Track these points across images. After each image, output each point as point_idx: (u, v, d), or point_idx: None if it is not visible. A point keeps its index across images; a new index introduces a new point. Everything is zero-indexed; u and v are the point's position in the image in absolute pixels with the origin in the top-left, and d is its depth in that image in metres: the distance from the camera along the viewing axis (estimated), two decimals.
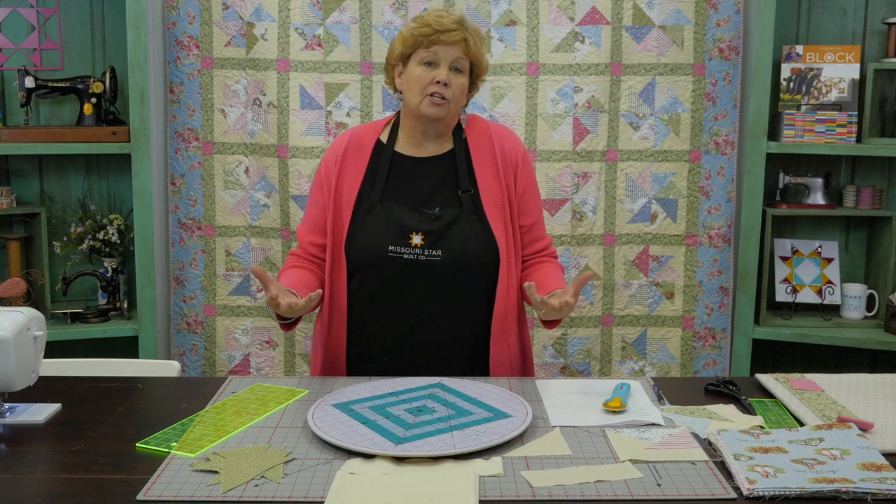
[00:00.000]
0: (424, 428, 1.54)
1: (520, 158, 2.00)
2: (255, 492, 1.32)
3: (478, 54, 1.93)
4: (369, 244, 1.91)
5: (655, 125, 3.00)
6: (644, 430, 1.57)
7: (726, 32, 2.96)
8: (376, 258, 1.90)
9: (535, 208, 2.03)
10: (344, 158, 1.97)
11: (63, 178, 3.10)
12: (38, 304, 2.92)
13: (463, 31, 1.89)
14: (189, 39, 2.99)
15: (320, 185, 2.00)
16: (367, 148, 1.99)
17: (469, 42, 1.90)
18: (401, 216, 1.90)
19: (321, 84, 2.97)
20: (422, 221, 1.90)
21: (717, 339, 3.09)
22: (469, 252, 1.89)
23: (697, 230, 3.05)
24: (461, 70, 1.91)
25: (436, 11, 1.93)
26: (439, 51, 1.88)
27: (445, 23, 1.88)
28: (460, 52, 1.89)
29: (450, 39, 1.87)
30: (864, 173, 3.08)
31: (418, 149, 1.98)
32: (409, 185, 1.95)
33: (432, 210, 1.91)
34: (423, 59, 1.89)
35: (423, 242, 1.88)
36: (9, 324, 1.56)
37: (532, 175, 2.04)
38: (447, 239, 1.89)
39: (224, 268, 3.09)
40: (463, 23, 1.91)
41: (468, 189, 1.94)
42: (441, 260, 1.88)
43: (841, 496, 1.29)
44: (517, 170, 1.99)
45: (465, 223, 1.91)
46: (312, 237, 2.02)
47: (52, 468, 1.43)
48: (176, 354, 3.13)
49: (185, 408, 1.69)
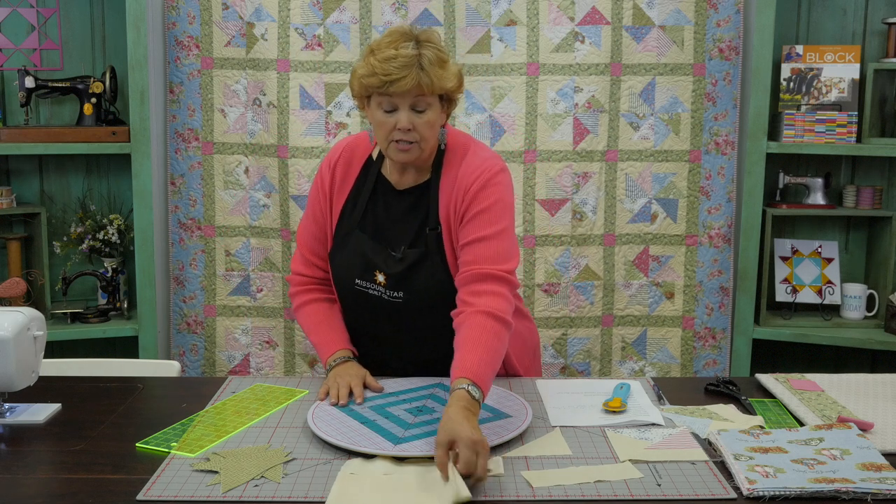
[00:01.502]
0: (424, 428, 1.54)
1: (472, 185, 1.79)
2: (255, 492, 1.33)
3: (440, 85, 1.73)
4: (341, 274, 1.90)
5: (655, 125, 3.00)
6: (644, 430, 1.57)
7: (726, 32, 2.96)
8: (346, 287, 1.90)
9: (473, 230, 1.77)
10: (335, 171, 1.94)
11: (63, 178, 3.10)
12: (38, 304, 2.92)
13: (414, 74, 1.68)
14: (189, 39, 2.99)
15: (317, 195, 1.96)
16: (357, 165, 1.94)
17: (423, 82, 1.69)
18: (368, 251, 1.86)
19: (321, 84, 2.97)
20: (386, 262, 1.84)
21: (717, 339, 3.09)
22: (428, 295, 1.84)
23: (697, 230, 3.05)
24: (425, 108, 1.74)
25: (385, 49, 1.71)
26: (394, 97, 1.71)
27: (392, 69, 1.68)
28: (417, 93, 1.71)
29: (401, 89, 1.69)
30: (864, 173, 3.08)
31: (400, 177, 1.89)
32: (384, 216, 1.89)
33: (398, 250, 1.85)
34: (380, 105, 1.74)
35: (386, 283, 1.85)
36: (9, 324, 1.56)
37: (481, 196, 1.78)
38: (409, 281, 1.84)
39: (224, 268, 3.09)
40: (414, 63, 1.69)
41: (434, 227, 1.84)
42: (403, 301, 1.85)
43: (841, 496, 1.29)
44: (465, 197, 1.80)
45: (426, 265, 1.84)
46: (316, 249, 1.98)
47: (52, 468, 1.43)
48: (176, 354, 3.13)
49: (185, 408, 1.69)
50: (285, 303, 3.07)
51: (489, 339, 1.62)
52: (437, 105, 1.77)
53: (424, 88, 1.70)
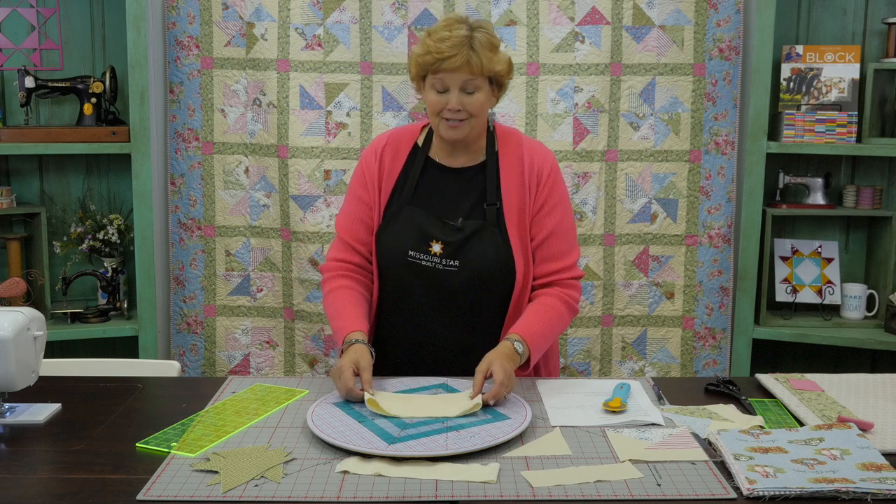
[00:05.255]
0: (420, 428, 1.55)
1: (545, 173, 1.93)
2: (255, 492, 1.33)
3: (490, 67, 1.83)
4: (391, 247, 1.92)
5: (655, 125, 3.00)
6: (644, 430, 1.57)
7: (726, 32, 2.96)
8: (396, 261, 1.91)
9: (549, 223, 1.93)
10: (382, 157, 1.98)
11: (63, 178, 3.10)
12: (38, 304, 2.92)
13: (465, 53, 1.79)
14: (189, 39, 2.99)
15: (363, 182, 1.98)
16: (404, 151, 1.99)
17: (473, 62, 1.80)
18: (423, 223, 1.90)
19: (321, 84, 2.97)
20: (444, 231, 1.89)
21: (717, 339, 3.09)
22: (485, 265, 1.88)
23: (697, 230, 3.05)
24: (474, 90, 1.84)
25: (440, 31, 1.83)
26: (446, 77, 1.82)
27: (445, 49, 1.79)
28: (467, 75, 1.81)
29: (452, 66, 1.80)
30: (864, 173, 3.08)
31: (450, 158, 1.96)
32: (437, 192, 1.94)
33: (455, 221, 1.89)
34: (433, 85, 1.85)
35: (442, 252, 1.88)
36: (9, 324, 1.56)
37: (556, 190, 1.94)
38: (466, 251, 1.88)
39: (224, 268, 3.09)
40: (466, 43, 1.80)
41: (493, 203, 1.91)
42: (457, 270, 1.88)
43: (841, 496, 1.29)
44: (539, 184, 1.93)
45: (485, 236, 1.89)
46: (359, 234, 1.98)
47: (52, 468, 1.43)
48: (176, 354, 3.13)
49: (185, 408, 1.69)
50: (285, 303, 3.07)
51: (551, 317, 1.90)
52: (486, 88, 1.86)
53: (474, 68, 1.81)
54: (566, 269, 1.95)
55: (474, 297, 1.91)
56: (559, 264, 1.94)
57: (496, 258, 1.89)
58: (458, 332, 1.93)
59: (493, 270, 1.89)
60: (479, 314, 1.93)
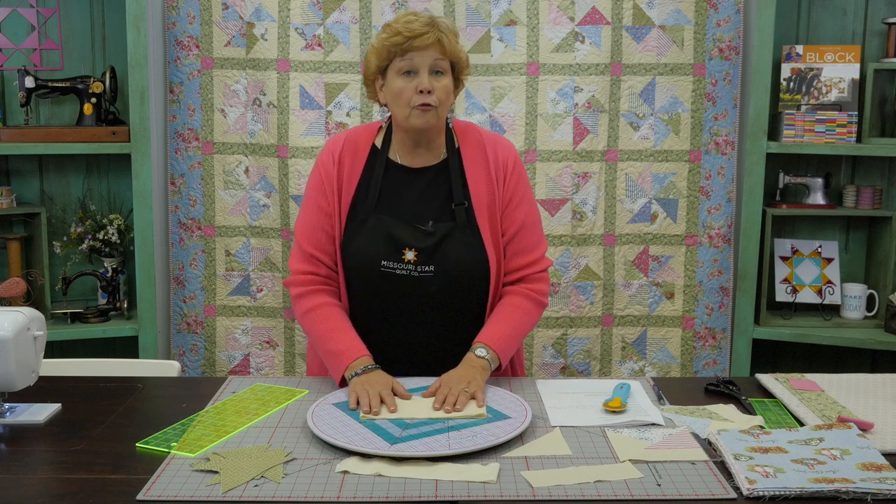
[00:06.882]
0: (422, 428, 1.54)
1: (510, 165, 1.93)
2: (255, 492, 1.33)
3: (455, 51, 1.85)
4: (362, 258, 1.86)
5: (655, 125, 3.00)
6: (644, 430, 1.57)
7: (726, 32, 2.96)
8: (368, 272, 1.86)
9: (518, 217, 1.92)
10: (341, 161, 1.92)
11: (63, 178, 3.10)
12: (38, 304, 2.92)
13: (435, 32, 1.80)
14: (189, 39, 2.99)
15: (322, 189, 1.92)
16: (363, 153, 1.93)
17: (444, 41, 1.81)
18: (393, 230, 1.86)
19: (321, 84, 2.97)
20: (415, 237, 1.85)
21: (717, 339, 3.09)
22: (462, 267, 1.86)
23: (697, 230, 3.05)
24: (442, 71, 1.83)
25: (404, 17, 1.84)
26: (415, 57, 1.80)
27: (415, 27, 1.79)
28: (437, 54, 1.81)
29: (423, 43, 1.79)
30: (864, 173, 3.08)
31: (412, 158, 1.92)
32: (402, 196, 1.90)
33: (426, 225, 1.86)
34: (401, 70, 1.82)
35: (416, 259, 1.84)
36: (9, 324, 1.56)
37: (521, 182, 1.94)
38: (440, 255, 1.85)
39: (224, 268, 3.09)
40: (434, 23, 1.82)
41: (461, 202, 1.88)
42: (433, 276, 1.85)
43: (841, 496, 1.29)
44: (506, 177, 1.92)
45: (458, 238, 1.86)
46: (322, 244, 1.92)
47: (52, 468, 1.43)
48: (176, 354, 3.13)
49: (185, 408, 1.69)
50: (285, 303, 3.07)
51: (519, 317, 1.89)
52: (451, 76, 1.87)
53: (445, 47, 1.82)
54: (536, 262, 1.94)
55: (451, 301, 1.88)
56: (529, 257, 1.93)
57: (472, 259, 1.86)
58: (435, 338, 1.90)
59: (470, 272, 1.87)
60: (456, 317, 1.90)
